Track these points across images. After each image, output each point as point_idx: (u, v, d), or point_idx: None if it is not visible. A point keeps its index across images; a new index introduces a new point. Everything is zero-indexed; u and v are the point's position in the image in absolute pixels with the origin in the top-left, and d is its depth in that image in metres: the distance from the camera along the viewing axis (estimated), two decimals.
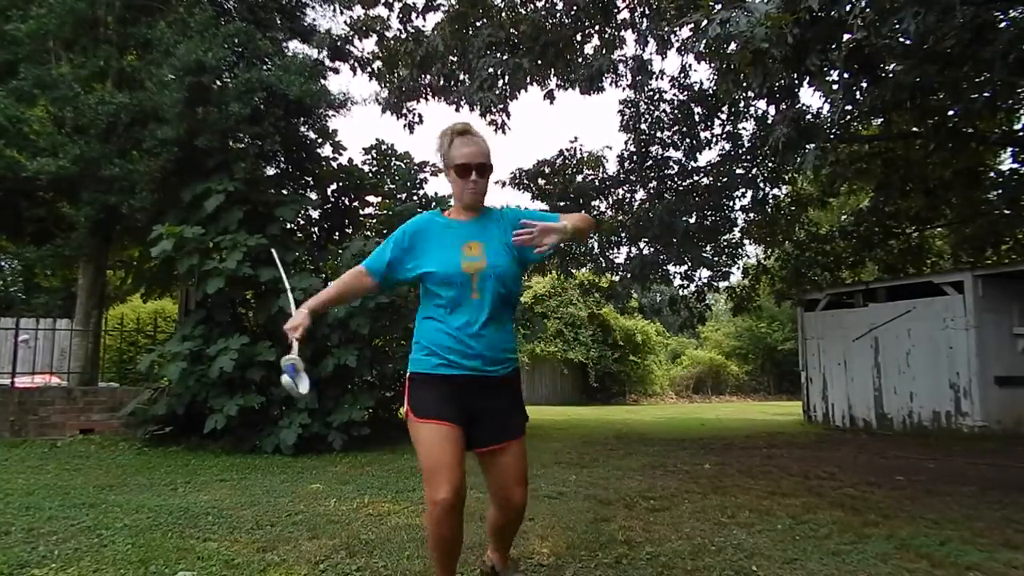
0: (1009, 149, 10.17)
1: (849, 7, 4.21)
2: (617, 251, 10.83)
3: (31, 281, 16.69)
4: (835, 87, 5.14)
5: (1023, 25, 4.93)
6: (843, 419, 10.58)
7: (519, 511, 2.26)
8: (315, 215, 8.56)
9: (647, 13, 7.78)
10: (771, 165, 9.89)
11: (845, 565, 2.82)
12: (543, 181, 10.18)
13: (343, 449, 6.47)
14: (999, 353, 9.02)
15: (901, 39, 5.11)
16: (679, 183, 10.28)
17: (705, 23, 4.42)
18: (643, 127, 9.96)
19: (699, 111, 9.71)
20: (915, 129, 9.55)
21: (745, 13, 4.16)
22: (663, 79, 9.64)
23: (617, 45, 8.38)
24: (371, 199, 8.68)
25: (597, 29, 8.14)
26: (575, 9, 7.38)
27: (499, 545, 2.45)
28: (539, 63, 7.56)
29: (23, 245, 9.76)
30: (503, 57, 7.28)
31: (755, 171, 10.22)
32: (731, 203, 10.51)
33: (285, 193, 7.89)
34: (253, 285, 7.02)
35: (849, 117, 8.47)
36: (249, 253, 6.63)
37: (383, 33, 8.07)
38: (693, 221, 9.91)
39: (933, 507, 4.06)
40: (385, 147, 8.77)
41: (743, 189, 10.34)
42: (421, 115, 8.37)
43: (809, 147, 5.40)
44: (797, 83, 6.56)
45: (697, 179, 10.31)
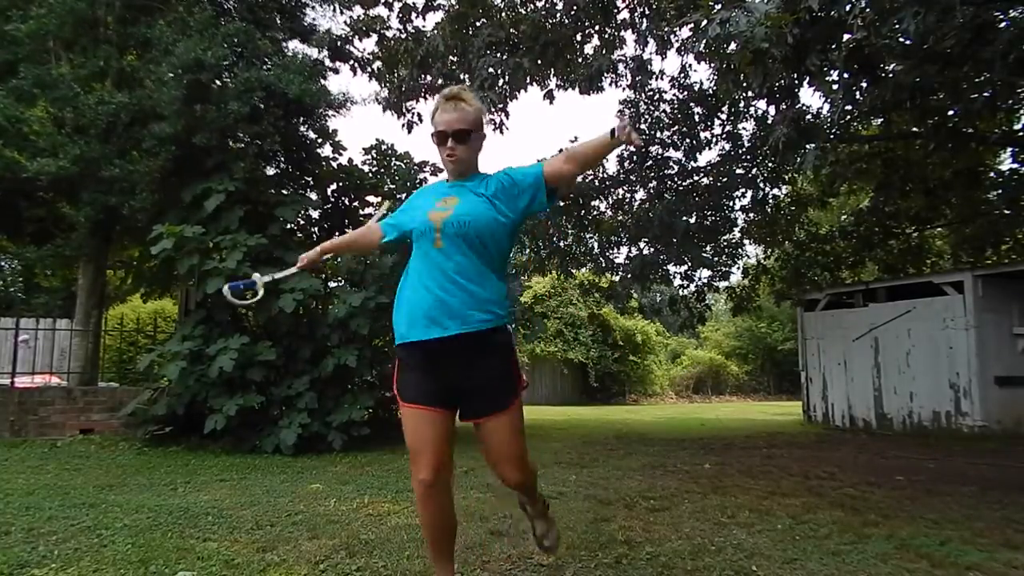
0: (1009, 149, 10.17)
1: (849, 7, 4.21)
2: (617, 251, 10.83)
3: (31, 281, 16.71)
4: (835, 87, 5.13)
5: (1023, 25, 4.93)
6: (843, 419, 10.58)
7: (518, 487, 2.16)
8: (315, 215, 8.55)
9: (647, 13, 7.78)
10: (771, 165, 9.89)
11: (845, 565, 2.82)
12: None
13: (343, 449, 6.47)
14: (999, 353, 9.02)
15: (901, 39, 5.10)
16: (679, 183, 10.27)
17: (705, 23, 4.41)
18: (643, 127, 9.96)
19: (699, 111, 9.70)
20: (915, 129, 9.54)
21: (745, 13, 4.15)
22: (663, 79, 9.65)
23: (617, 45, 8.38)
24: (371, 199, 8.68)
25: (597, 29, 8.14)
26: (575, 9, 7.37)
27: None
28: (539, 63, 7.56)
29: (23, 245, 9.77)
30: (503, 57, 7.29)
31: (755, 171, 10.22)
32: (731, 203, 10.50)
33: (285, 193, 7.89)
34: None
35: (849, 117, 8.46)
36: (249, 253, 6.63)
37: (383, 33, 8.07)
38: (693, 221, 9.90)
39: (933, 507, 4.05)
40: (385, 147, 8.77)
41: (743, 189, 10.33)
42: (421, 115, 8.36)
43: (809, 147, 5.40)
44: (797, 83, 6.55)
45: (697, 179, 10.30)
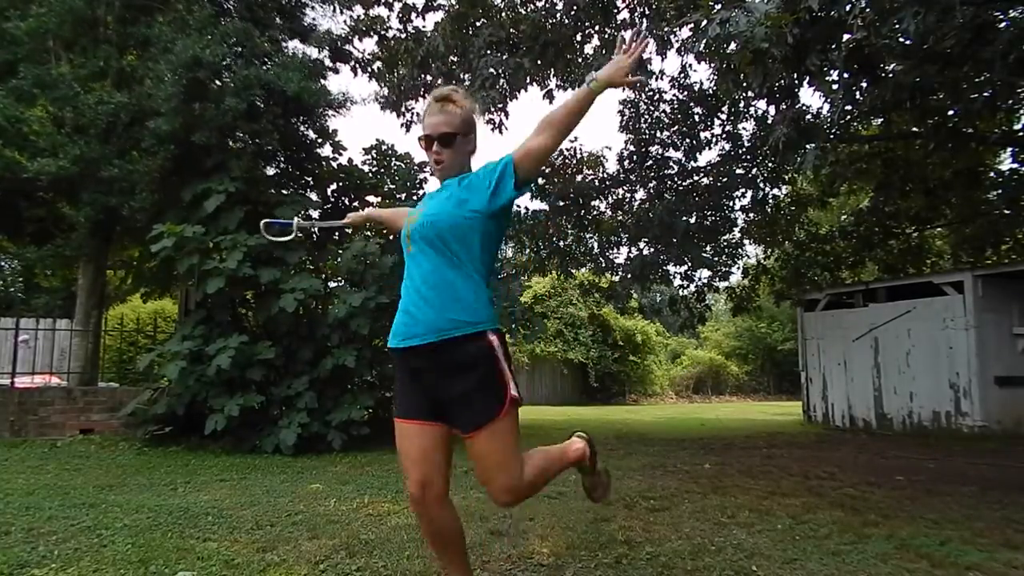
0: (1009, 149, 10.17)
1: (849, 7, 4.21)
2: (617, 251, 10.84)
3: (31, 281, 16.71)
4: (835, 87, 5.14)
5: (1023, 25, 4.94)
6: (843, 419, 10.58)
7: (505, 505, 2.09)
8: (315, 215, 8.55)
9: (647, 13, 7.78)
10: (771, 165, 9.89)
11: (845, 565, 2.82)
12: (543, 181, 10.18)
13: (343, 449, 6.48)
14: (999, 353, 9.02)
15: (901, 39, 5.11)
16: (679, 183, 10.28)
17: (705, 23, 4.42)
18: (643, 127, 9.96)
19: (699, 111, 9.71)
20: (915, 129, 9.54)
21: (745, 13, 4.16)
22: (663, 79, 9.66)
23: (617, 45, 8.38)
24: (371, 199, 8.67)
25: (597, 29, 8.14)
26: (575, 9, 7.38)
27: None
28: (539, 63, 7.56)
29: (23, 245, 9.77)
30: (503, 57, 7.29)
31: (755, 171, 10.22)
32: (731, 203, 10.51)
33: (285, 193, 7.89)
34: (253, 285, 7.02)
35: (849, 117, 8.46)
36: (249, 253, 6.63)
37: (383, 33, 8.07)
38: (693, 221, 9.91)
39: (933, 507, 4.05)
40: (385, 147, 8.77)
41: (743, 189, 10.34)
42: (420, 114, 8.37)
43: (809, 147, 5.40)
44: (797, 83, 6.55)
45: (697, 179, 10.31)
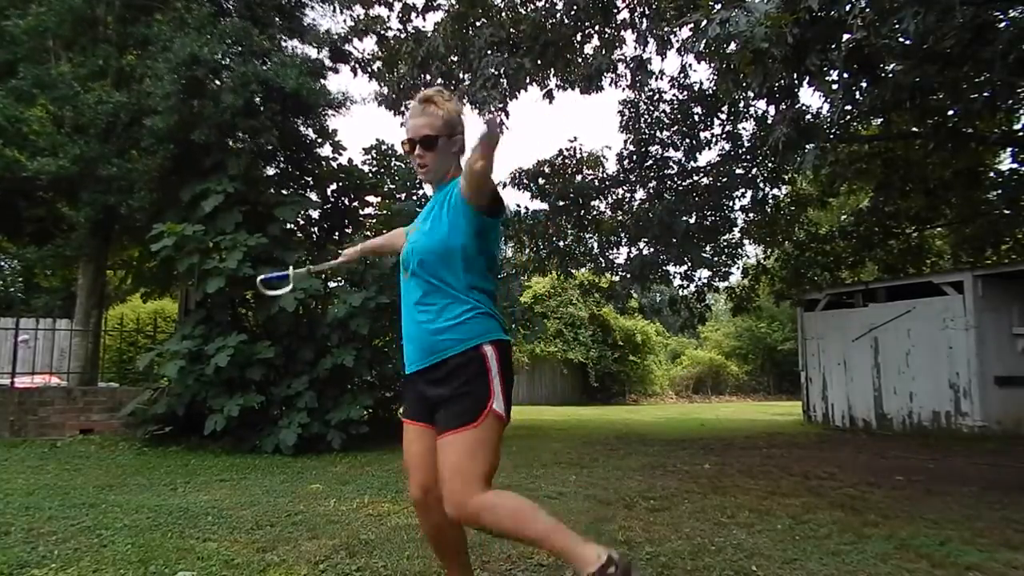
0: (1009, 149, 10.17)
1: (849, 7, 4.21)
2: (617, 251, 10.84)
3: (31, 281, 16.71)
4: (835, 87, 5.13)
5: (1023, 25, 4.93)
6: (843, 419, 10.58)
7: (453, 515, 1.86)
8: (315, 215, 8.55)
9: (647, 13, 7.79)
10: (771, 165, 9.89)
11: (845, 565, 2.82)
12: (543, 181, 10.19)
13: (342, 449, 6.47)
14: (999, 353, 9.02)
15: (901, 39, 5.10)
16: (679, 183, 10.28)
17: (705, 23, 4.42)
18: (643, 127, 9.96)
19: (699, 111, 9.71)
20: (915, 129, 9.55)
21: (745, 13, 4.16)
22: (663, 79, 9.66)
23: (617, 45, 8.39)
24: (371, 199, 8.68)
25: (597, 29, 8.15)
26: (575, 9, 7.38)
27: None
28: (539, 63, 7.56)
29: (23, 245, 9.77)
30: (504, 57, 7.29)
31: (755, 171, 10.22)
32: (731, 203, 10.51)
33: (285, 193, 7.89)
34: (253, 285, 6.99)
35: (849, 117, 8.46)
36: (249, 253, 6.62)
37: (383, 33, 8.08)
38: (693, 221, 9.91)
39: (933, 507, 4.05)
40: (385, 147, 8.76)
41: (743, 189, 10.34)
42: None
43: (809, 147, 5.40)
44: (797, 83, 6.55)
45: (697, 179, 10.31)
